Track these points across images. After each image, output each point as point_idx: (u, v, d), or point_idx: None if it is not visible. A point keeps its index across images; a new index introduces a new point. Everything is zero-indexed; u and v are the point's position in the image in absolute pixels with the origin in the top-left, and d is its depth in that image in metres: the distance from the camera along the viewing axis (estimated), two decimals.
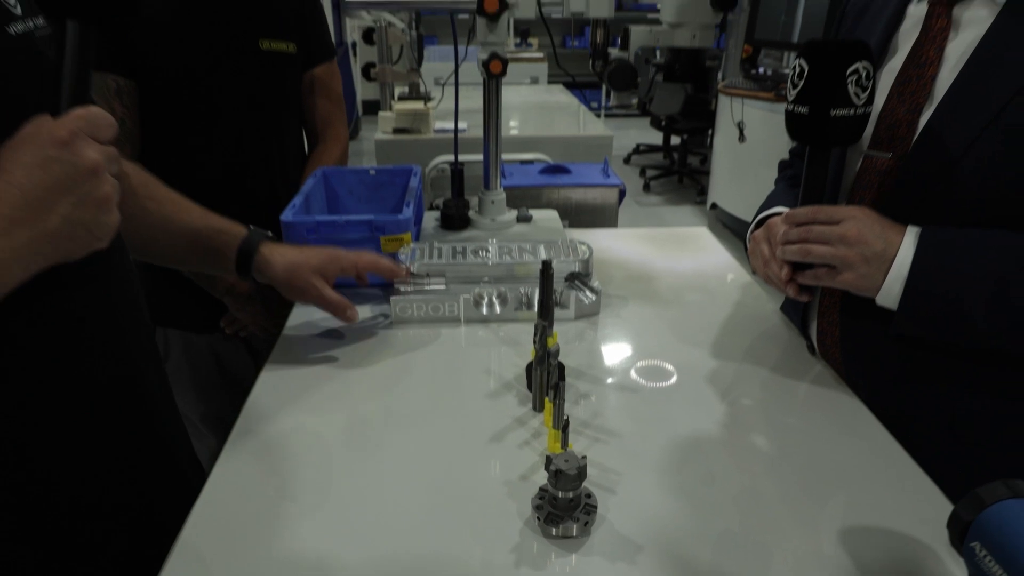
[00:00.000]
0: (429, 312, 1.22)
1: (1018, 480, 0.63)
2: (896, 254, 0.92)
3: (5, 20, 0.75)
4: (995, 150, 0.90)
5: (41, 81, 0.76)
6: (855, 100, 0.95)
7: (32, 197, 0.63)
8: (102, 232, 0.69)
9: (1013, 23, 0.90)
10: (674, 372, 1.09)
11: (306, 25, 1.64)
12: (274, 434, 0.94)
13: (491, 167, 1.50)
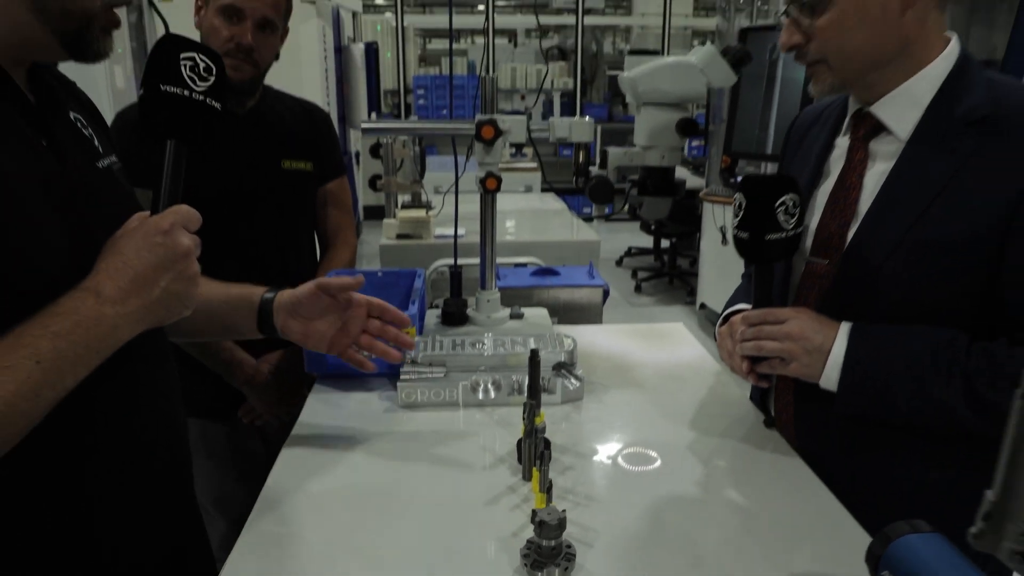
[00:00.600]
0: (431, 397, 1.37)
1: (918, 520, 0.77)
2: (832, 347, 1.09)
3: (94, 157, 0.95)
4: (907, 261, 1.08)
5: (119, 199, 0.95)
6: (785, 226, 1.14)
7: (141, 274, 0.82)
8: (190, 302, 0.87)
9: (913, 159, 1.10)
10: (651, 449, 1.23)
11: (321, 148, 1.86)
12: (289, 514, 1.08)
13: (487, 269, 1.68)
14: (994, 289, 1.05)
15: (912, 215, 1.08)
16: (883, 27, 1.08)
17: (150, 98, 0.90)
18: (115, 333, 0.81)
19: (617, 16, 10.92)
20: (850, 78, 1.14)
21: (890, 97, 1.13)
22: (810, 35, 1.12)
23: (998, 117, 1.05)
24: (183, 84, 0.90)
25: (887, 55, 1.10)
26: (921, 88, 1.11)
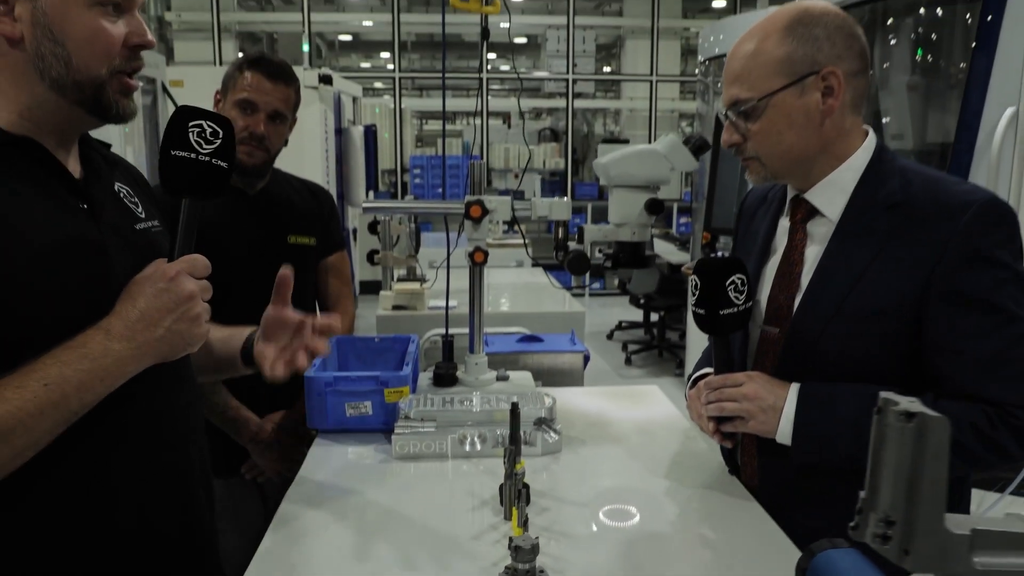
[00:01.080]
0: (423, 449, 1.51)
1: (838, 539, 0.90)
2: (784, 405, 1.24)
3: (134, 221, 1.12)
4: (844, 327, 1.24)
5: (153, 255, 1.09)
6: (736, 302, 1.31)
7: (147, 315, 0.97)
8: (194, 340, 1.02)
9: (842, 239, 1.27)
10: (624, 495, 1.36)
11: (325, 224, 2.04)
12: (293, 554, 1.20)
13: (475, 334, 1.83)
14: (918, 351, 1.20)
15: (845, 287, 1.24)
16: (806, 132, 1.26)
17: (164, 162, 1.05)
18: (121, 366, 0.95)
19: (607, 100, 11.37)
20: (779, 172, 1.32)
21: (820, 185, 1.31)
22: (746, 136, 1.30)
23: (909, 203, 1.22)
24: (190, 148, 1.04)
25: (810, 154, 1.28)
26: (845, 178, 1.29)
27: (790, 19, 1.25)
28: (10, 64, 0.97)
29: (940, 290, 1.16)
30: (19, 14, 0.95)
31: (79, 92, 0.99)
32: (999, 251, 1.15)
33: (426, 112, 12.14)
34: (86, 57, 0.98)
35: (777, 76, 1.23)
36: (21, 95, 0.98)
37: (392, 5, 9.12)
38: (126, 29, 1.01)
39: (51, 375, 0.89)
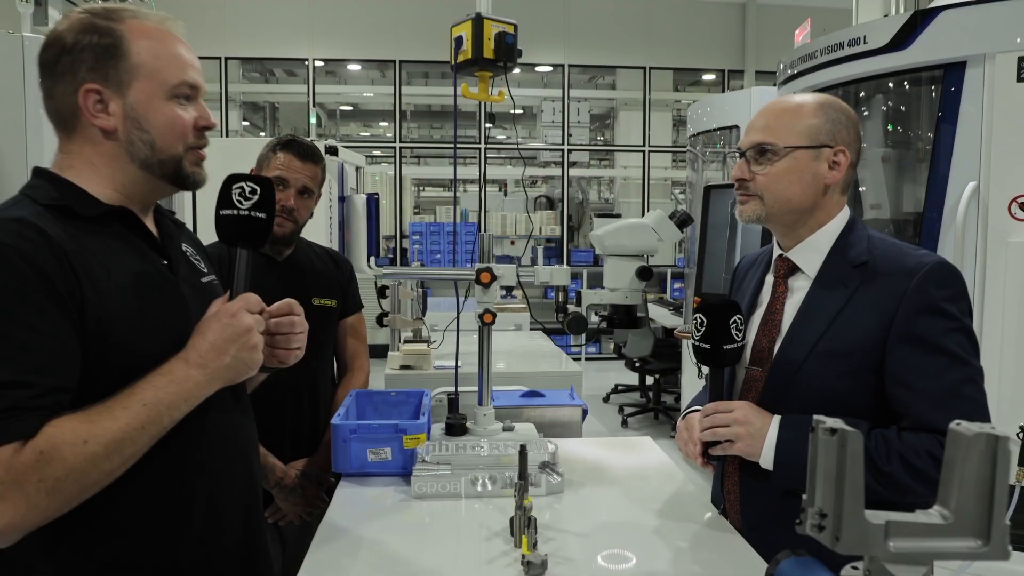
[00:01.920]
0: (439, 489, 1.67)
1: (799, 549, 1.07)
2: (768, 432, 1.42)
3: (199, 275, 1.33)
4: (817, 366, 1.43)
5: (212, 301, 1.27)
6: (736, 338, 1.50)
7: (216, 345, 1.17)
8: (253, 365, 1.21)
9: (818, 292, 1.48)
10: (622, 529, 1.53)
11: (344, 288, 2.24)
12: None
13: (484, 388, 2.00)
14: (882, 387, 1.40)
15: (819, 332, 1.44)
16: (808, 190, 1.48)
17: (216, 221, 1.26)
18: (198, 388, 1.15)
19: (601, 168, 11.74)
20: (773, 215, 1.52)
21: (800, 247, 1.53)
22: (755, 175, 1.50)
23: (873, 263, 1.44)
24: (233, 207, 1.24)
25: (803, 208, 1.49)
26: (822, 241, 1.51)
27: (823, 100, 1.50)
28: (106, 151, 1.18)
29: (898, 334, 1.37)
30: (113, 110, 1.16)
31: (162, 168, 1.21)
32: (948, 305, 1.36)
33: (424, 179, 12.49)
34: (167, 140, 1.20)
35: (802, 136, 1.46)
36: (115, 174, 1.19)
37: (395, 79, 9.53)
38: (195, 114, 1.23)
39: (148, 397, 1.09)
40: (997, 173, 2.93)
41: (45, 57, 1.17)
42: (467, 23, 2.15)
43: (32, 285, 1.03)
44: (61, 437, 1.01)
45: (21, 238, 1.05)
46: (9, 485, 0.97)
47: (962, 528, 0.80)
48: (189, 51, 1.23)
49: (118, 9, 1.18)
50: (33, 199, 1.14)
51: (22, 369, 1.01)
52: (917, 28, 3.06)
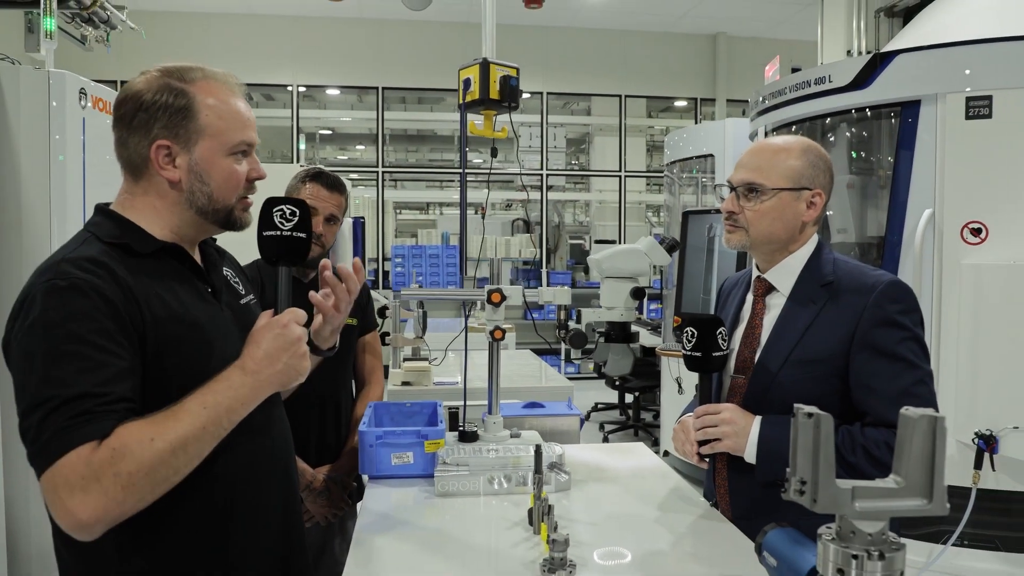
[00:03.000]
0: (459, 487, 1.87)
1: (782, 522, 1.28)
2: (751, 430, 1.64)
3: (239, 297, 1.51)
4: (791, 372, 1.65)
5: (252, 322, 1.42)
6: (722, 346, 1.72)
7: (269, 354, 1.29)
8: (302, 372, 1.34)
9: (791, 308, 1.70)
10: (625, 519, 1.73)
11: (363, 308, 2.44)
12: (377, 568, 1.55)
13: (493, 398, 2.20)
14: (847, 390, 1.62)
15: (792, 343, 1.67)
16: (787, 225, 1.71)
17: (260, 241, 1.39)
18: (254, 393, 1.27)
19: (577, 192, 12.02)
20: (756, 244, 1.74)
21: (776, 269, 1.76)
22: (743, 210, 1.73)
23: (837, 282, 1.67)
24: (275, 227, 1.37)
25: (782, 240, 1.72)
26: (794, 264, 1.74)
27: (806, 145, 1.73)
28: (168, 198, 1.34)
29: (859, 343, 1.59)
30: (179, 164, 1.33)
31: (216, 215, 1.38)
32: (901, 317, 1.59)
33: (402, 203, 12.68)
34: (223, 192, 1.37)
35: (787, 179, 1.69)
36: (172, 218, 1.36)
37: (377, 106, 9.75)
38: (248, 168, 1.40)
39: (208, 401, 1.21)
40: (950, 201, 3.21)
41: (122, 111, 1.32)
42: (475, 67, 2.38)
43: (103, 313, 1.19)
44: (130, 436, 1.14)
45: (93, 274, 1.21)
46: (89, 479, 1.10)
47: (911, 491, 1.03)
48: (247, 108, 1.40)
49: (190, 69, 1.35)
50: (97, 236, 1.30)
51: (95, 382, 1.15)
52: (876, 69, 3.34)
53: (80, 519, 1.11)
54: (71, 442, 1.11)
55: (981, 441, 3.08)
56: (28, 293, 1.22)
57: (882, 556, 1.00)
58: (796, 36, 9.13)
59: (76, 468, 1.11)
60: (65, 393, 1.13)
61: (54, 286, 1.19)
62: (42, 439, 1.12)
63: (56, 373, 1.14)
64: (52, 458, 1.11)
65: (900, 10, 6.03)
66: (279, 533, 1.48)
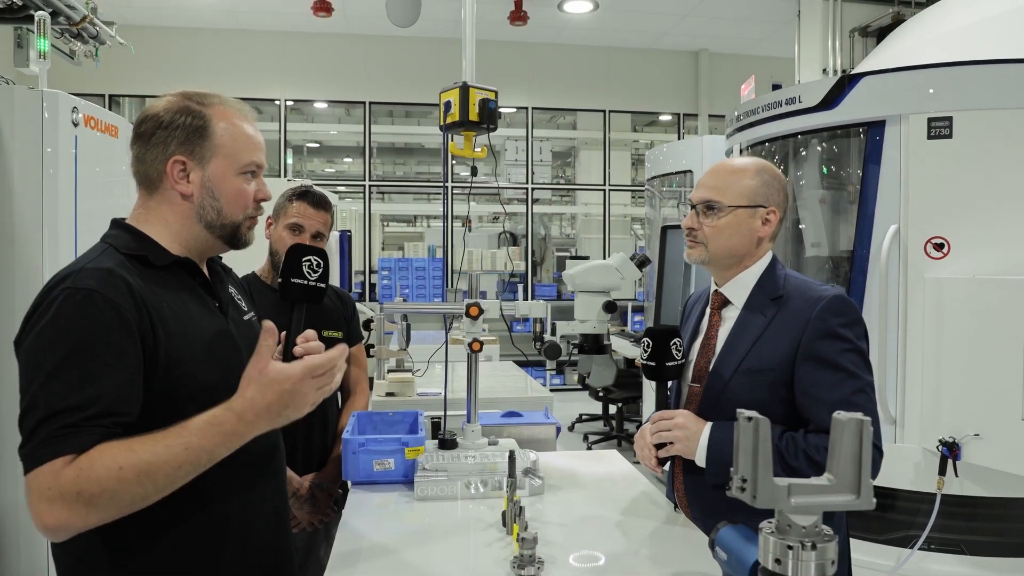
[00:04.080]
0: (438, 492, 1.96)
1: (737, 521, 1.38)
2: (702, 434, 1.74)
3: (242, 314, 1.60)
4: (742, 380, 1.76)
5: (254, 337, 1.50)
6: (676, 356, 1.83)
7: (271, 408, 1.30)
8: (300, 415, 1.40)
9: (743, 320, 1.81)
10: (594, 520, 1.83)
11: (348, 321, 2.54)
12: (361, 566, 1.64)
13: (472, 407, 2.30)
14: (792, 399, 1.73)
15: (743, 354, 1.77)
16: (744, 240, 1.81)
17: (287, 285, 1.48)
18: (242, 439, 1.30)
19: (563, 205, 12.16)
20: (714, 258, 1.85)
21: (731, 283, 1.86)
22: (703, 226, 1.83)
23: (786, 296, 1.77)
24: (304, 276, 1.49)
25: (739, 254, 1.83)
26: (748, 278, 1.84)
27: (760, 165, 1.85)
28: (180, 211, 1.44)
29: (803, 354, 1.70)
30: (193, 179, 1.42)
31: (223, 231, 1.47)
32: (843, 330, 1.70)
33: (389, 215, 12.78)
34: (232, 209, 1.47)
35: (743, 197, 1.80)
36: (183, 231, 1.45)
37: (365, 120, 9.86)
38: (255, 188, 1.50)
39: (192, 443, 1.23)
40: (914, 217, 3.34)
41: (142, 129, 1.42)
42: (455, 90, 2.48)
43: (113, 325, 1.26)
44: (100, 460, 1.18)
45: (108, 286, 1.28)
46: (55, 492, 1.16)
47: (841, 488, 1.13)
48: (258, 134, 1.50)
49: (208, 95, 1.46)
50: (115, 248, 1.38)
51: (90, 395, 1.20)
52: (844, 91, 3.48)
53: (46, 524, 1.18)
54: (50, 454, 1.18)
55: (945, 448, 3.19)
56: (44, 298, 1.28)
57: (814, 547, 1.10)
58: (776, 53, 9.32)
59: (47, 480, 1.17)
60: (58, 404, 1.19)
61: (71, 295, 1.26)
62: (30, 444, 1.19)
63: (55, 382, 1.21)
64: (33, 464, 1.18)
65: (874, 30, 6.22)
66: (270, 538, 1.55)
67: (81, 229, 3.00)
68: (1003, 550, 3.33)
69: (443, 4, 7.92)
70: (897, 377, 3.43)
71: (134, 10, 8.56)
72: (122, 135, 3.50)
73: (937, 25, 4.25)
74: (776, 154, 4.17)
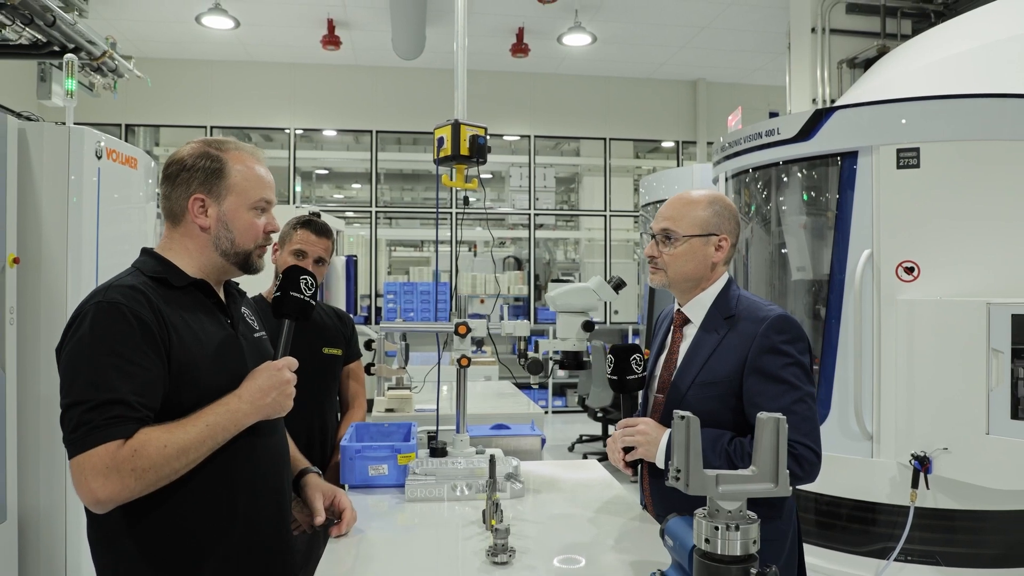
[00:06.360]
0: (427, 494, 2.15)
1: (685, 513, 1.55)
2: (661, 439, 1.92)
3: (253, 331, 1.80)
4: (697, 392, 1.94)
5: (263, 353, 1.75)
6: (636, 371, 2.01)
7: (262, 389, 1.60)
8: (286, 407, 1.65)
9: (700, 337, 2.00)
10: (569, 520, 2.01)
11: (347, 340, 2.74)
12: (356, 557, 1.83)
13: (461, 419, 2.48)
14: (742, 408, 1.90)
15: (699, 367, 1.95)
16: (699, 265, 2.00)
17: (284, 298, 1.74)
18: (245, 418, 1.58)
19: (566, 230, 12.37)
20: (674, 282, 2.04)
21: (691, 303, 2.05)
22: (662, 254, 2.02)
23: (737, 315, 1.96)
24: (301, 292, 1.74)
25: (696, 278, 2.02)
26: (706, 299, 2.03)
27: (712, 197, 2.04)
28: (199, 241, 1.66)
29: (750, 368, 1.88)
30: (210, 214, 1.65)
31: (236, 258, 1.69)
32: (785, 346, 1.88)
33: (395, 240, 13.03)
34: (244, 239, 1.69)
35: (697, 227, 1.99)
36: (201, 257, 1.68)
37: (371, 148, 10.13)
38: (266, 221, 1.72)
39: (210, 421, 1.52)
40: (886, 243, 3.53)
41: (169, 171, 1.66)
42: (447, 127, 2.70)
43: (138, 333, 1.49)
44: (148, 440, 1.43)
45: (132, 300, 1.51)
46: (111, 469, 1.40)
47: (762, 477, 1.31)
48: (268, 174, 1.73)
49: (225, 141, 1.69)
50: (141, 271, 1.62)
51: (129, 389, 1.45)
52: (819, 123, 3.69)
53: (98, 497, 1.41)
54: (102, 438, 1.40)
55: (916, 462, 3.36)
56: (81, 311, 1.52)
57: (738, 528, 1.28)
58: (772, 82, 9.56)
59: (104, 459, 1.40)
60: (102, 397, 1.42)
61: (101, 307, 1.49)
62: (79, 431, 1.41)
63: (97, 378, 1.44)
64: (85, 447, 1.40)
65: (860, 62, 6.45)
66: (272, 526, 1.74)
67: (102, 253, 3.22)
68: (976, 561, 3.48)
69: (446, 37, 8.21)
70: (872, 394, 3.60)
71: (151, 43, 8.90)
72: (140, 166, 3.74)
73: (913, 61, 4.47)
74: (760, 181, 4.37)
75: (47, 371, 2.98)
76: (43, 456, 3.04)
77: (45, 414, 2.99)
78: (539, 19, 8.20)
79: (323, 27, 8.34)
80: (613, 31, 8.55)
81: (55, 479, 3.07)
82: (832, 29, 6.47)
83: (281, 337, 1.74)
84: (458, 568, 1.71)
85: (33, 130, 3.06)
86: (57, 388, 1.49)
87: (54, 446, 3.05)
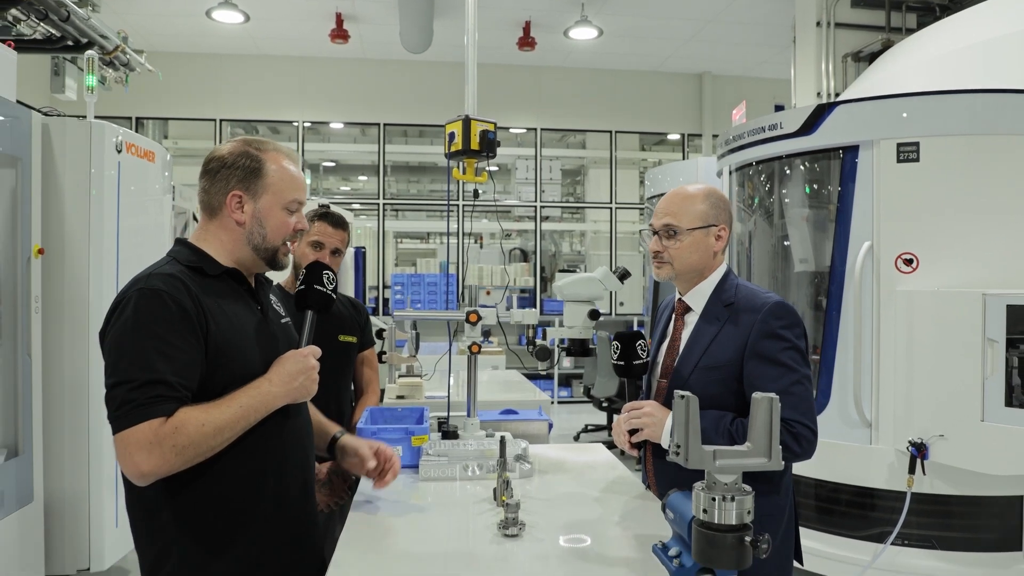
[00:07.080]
0: (440, 473, 2.25)
1: (684, 489, 1.65)
2: (666, 421, 2.01)
3: (280, 318, 1.89)
4: (700, 376, 2.03)
5: (289, 338, 1.84)
6: (641, 355, 2.11)
7: (290, 373, 1.70)
8: (311, 391, 1.75)
9: (701, 325, 2.09)
10: (576, 498, 2.11)
11: (362, 327, 2.84)
12: (375, 532, 1.93)
13: (472, 403, 2.58)
14: (742, 391, 2.00)
15: (701, 353, 2.04)
16: (702, 256, 2.09)
17: (308, 291, 1.85)
18: (274, 400, 1.68)
19: (572, 222, 12.45)
20: (680, 274, 2.13)
21: (692, 292, 2.14)
22: (666, 248, 2.11)
23: (736, 303, 2.05)
24: (324, 285, 1.86)
25: (699, 268, 2.11)
26: (706, 288, 2.12)
27: (707, 190, 2.13)
28: (234, 235, 1.75)
29: (750, 352, 1.97)
30: (246, 210, 1.74)
31: (265, 253, 1.78)
32: (783, 331, 1.97)
33: (402, 232, 13.13)
34: (274, 236, 1.78)
35: (698, 220, 2.08)
36: (234, 250, 1.77)
37: (379, 141, 10.22)
38: (295, 221, 1.81)
39: (242, 402, 1.62)
40: (886, 235, 3.61)
41: (210, 167, 1.75)
42: (458, 122, 2.78)
43: (178, 317, 1.59)
44: (188, 419, 1.52)
45: (172, 287, 1.61)
46: (154, 444, 1.48)
47: (756, 452, 1.41)
48: (301, 175, 1.82)
49: (264, 142, 1.78)
50: (177, 260, 1.71)
51: (170, 370, 1.54)
52: (820, 118, 3.77)
53: (142, 470, 1.50)
54: (146, 415, 1.50)
55: (913, 448, 3.45)
56: (123, 297, 1.61)
57: (734, 499, 1.38)
58: (777, 75, 9.61)
59: (147, 435, 1.49)
60: (145, 376, 1.52)
61: (143, 293, 1.59)
62: (124, 408, 1.51)
63: (140, 360, 1.53)
64: (129, 423, 1.50)
65: (865, 55, 6.51)
66: (298, 499, 1.83)
67: (122, 244, 3.33)
68: (971, 545, 3.57)
69: (454, 31, 8.29)
70: (872, 383, 3.69)
71: (161, 37, 8.99)
72: (157, 159, 3.84)
73: (917, 55, 4.54)
74: (763, 174, 4.45)
75: (71, 357, 3.09)
76: (67, 440, 3.15)
77: (69, 399, 3.10)
78: (546, 13, 8.26)
79: (332, 21, 8.42)
80: (620, 24, 8.61)
81: (79, 462, 3.18)
82: (837, 23, 6.53)
83: (304, 327, 1.84)
84: (471, 541, 1.81)
85: (56, 125, 3.16)
86: (80, 373, 1.59)
87: (78, 430, 3.17)
